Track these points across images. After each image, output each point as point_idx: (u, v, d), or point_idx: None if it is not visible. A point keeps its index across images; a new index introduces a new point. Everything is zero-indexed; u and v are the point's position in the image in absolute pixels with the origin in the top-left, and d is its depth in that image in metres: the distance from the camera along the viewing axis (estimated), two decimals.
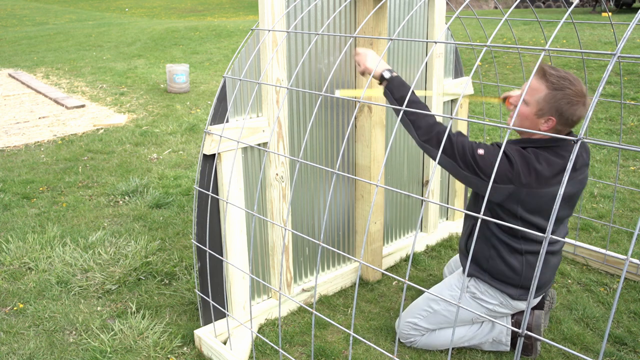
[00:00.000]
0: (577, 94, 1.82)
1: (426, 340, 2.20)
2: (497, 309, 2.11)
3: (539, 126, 1.89)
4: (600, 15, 11.48)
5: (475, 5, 17.16)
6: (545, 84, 1.84)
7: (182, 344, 2.28)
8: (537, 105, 1.86)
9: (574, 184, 1.95)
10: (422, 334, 2.20)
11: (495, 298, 2.08)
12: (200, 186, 2.10)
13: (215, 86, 7.44)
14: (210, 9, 20.45)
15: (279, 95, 2.21)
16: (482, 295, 2.10)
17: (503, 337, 2.16)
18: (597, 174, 4.06)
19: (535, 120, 1.89)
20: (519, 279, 2.02)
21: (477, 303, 2.12)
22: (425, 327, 2.19)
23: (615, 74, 6.26)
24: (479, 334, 2.17)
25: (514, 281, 2.03)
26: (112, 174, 4.30)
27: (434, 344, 2.20)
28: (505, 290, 2.05)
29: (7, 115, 6.19)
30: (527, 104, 1.89)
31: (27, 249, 3.07)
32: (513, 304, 2.09)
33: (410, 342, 2.23)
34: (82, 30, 13.31)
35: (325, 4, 2.32)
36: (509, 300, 2.08)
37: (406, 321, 2.21)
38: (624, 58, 6.10)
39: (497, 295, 2.08)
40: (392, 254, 2.94)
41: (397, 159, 2.88)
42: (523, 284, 2.03)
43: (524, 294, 2.05)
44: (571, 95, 1.82)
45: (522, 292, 2.05)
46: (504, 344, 2.17)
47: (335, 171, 1.27)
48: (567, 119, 1.85)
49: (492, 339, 2.16)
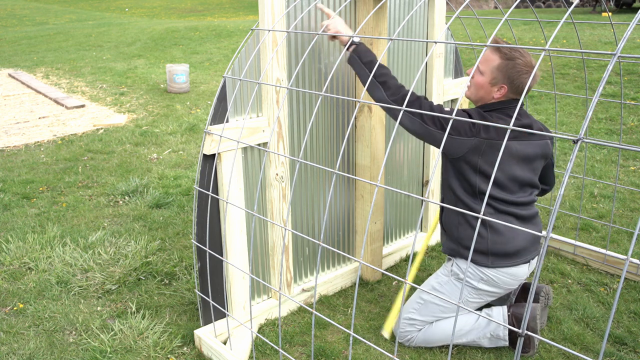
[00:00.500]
0: (526, 64, 2.03)
1: (423, 336, 2.21)
2: (481, 286, 2.13)
3: (492, 94, 2.10)
4: (600, 15, 11.48)
5: (475, 5, 17.17)
6: (499, 54, 2.04)
7: (182, 344, 2.28)
8: (491, 74, 2.06)
9: (533, 146, 2.09)
10: (418, 329, 2.21)
11: (475, 275, 2.14)
12: (200, 186, 2.10)
13: (215, 86, 7.44)
14: (210, 9, 20.45)
15: (279, 95, 2.21)
16: (464, 275, 2.14)
17: (500, 332, 2.16)
18: (597, 174, 4.07)
19: (489, 88, 2.08)
20: (485, 242, 2.08)
21: (461, 284, 2.16)
22: (420, 319, 2.21)
23: (616, 74, 6.26)
24: (476, 327, 2.18)
25: (482, 247, 2.09)
26: (112, 174, 4.30)
27: (432, 339, 2.20)
28: (475, 258, 2.11)
29: (7, 115, 6.19)
30: (482, 73, 2.09)
31: (27, 249, 3.07)
32: (493, 277, 2.11)
33: (409, 341, 2.23)
34: (82, 30, 13.31)
35: (325, 4, 2.32)
36: (486, 271, 2.11)
37: (402, 319, 2.23)
38: (624, 58, 6.10)
39: (476, 271, 2.13)
40: (392, 254, 2.94)
41: (397, 159, 2.88)
42: (491, 249, 2.08)
43: (496, 261, 2.09)
44: (521, 64, 2.02)
45: (493, 259, 2.09)
46: (502, 338, 2.17)
47: (335, 171, 1.27)
48: (517, 86, 2.05)
49: (489, 333, 2.17)
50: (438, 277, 2.25)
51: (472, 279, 2.14)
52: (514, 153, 2.05)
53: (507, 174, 2.07)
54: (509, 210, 2.09)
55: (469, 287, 2.15)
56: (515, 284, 2.17)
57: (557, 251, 2.99)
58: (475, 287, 2.14)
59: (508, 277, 2.12)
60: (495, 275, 2.11)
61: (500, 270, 2.10)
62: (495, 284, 2.13)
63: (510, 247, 2.08)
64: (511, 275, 2.12)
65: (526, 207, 2.14)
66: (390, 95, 2.08)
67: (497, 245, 2.08)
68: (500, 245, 2.07)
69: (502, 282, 2.13)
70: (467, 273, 2.12)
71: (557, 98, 5.45)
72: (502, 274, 2.11)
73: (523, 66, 2.03)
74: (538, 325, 2.15)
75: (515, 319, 2.17)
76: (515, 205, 2.11)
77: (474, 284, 2.14)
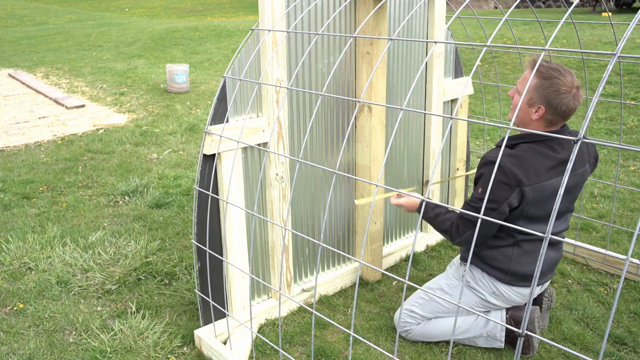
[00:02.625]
0: (565, 84, 1.89)
1: (421, 329, 2.23)
2: (490, 299, 2.13)
3: (531, 115, 1.96)
4: (600, 15, 11.48)
5: (475, 5, 17.16)
6: (536, 73, 1.92)
7: (182, 344, 2.28)
8: (528, 94, 1.93)
9: (574, 176, 2.01)
10: (417, 323, 2.23)
11: (487, 287, 2.12)
12: (200, 186, 2.10)
13: (215, 86, 7.44)
14: (210, 9, 20.45)
15: (279, 95, 2.21)
16: (476, 285, 2.15)
17: (497, 333, 2.17)
18: (597, 174, 4.06)
19: (527, 109, 1.95)
20: (509, 263, 2.06)
21: (471, 292, 2.16)
22: (421, 314, 2.23)
23: (616, 74, 6.26)
24: (474, 327, 2.19)
25: (503, 265, 2.07)
26: (112, 174, 4.30)
27: (429, 333, 2.22)
28: (494, 273, 2.10)
29: (7, 115, 6.19)
30: (519, 93, 1.99)
31: (27, 249, 3.07)
32: (505, 293, 2.11)
33: (407, 332, 2.25)
34: (82, 30, 13.31)
35: (325, 4, 2.32)
36: (500, 287, 2.10)
37: (404, 309, 2.26)
38: (624, 58, 6.10)
39: (489, 284, 2.12)
40: (392, 254, 2.94)
41: (397, 159, 2.88)
42: (512, 269, 2.07)
43: (513, 280, 2.08)
44: (559, 84, 1.89)
45: (510, 278, 2.08)
46: (498, 339, 2.18)
47: (335, 171, 1.27)
48: (555, 107, 1.91)
49: (486, 333, 2.18)
50: (448, 278, 2.24)
51: (484, 291, 2.13)
52: (555, 188, 1.96)
53: (547, 210, 2.00)
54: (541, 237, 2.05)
55: (477, 297, 2.15)
56: (523, 302, 2.17)
57: None
58: (485, 299, 2.14)
59: (519, 296, 2.13)
60: (508, 293, 2.11)
61: (515, 289, 2.10)
62: (504, 300, 2.14)
63: (531, 270, 2.07)
64: (523, 295, 2.12)
65: (558, 235, 2.12)
66: (456, 236, 2.06)
67: (519, 267, 2.06)
68: (522, 267, 2.06)
69: (511, 300, 2.14)
70: (480, 283, 2.13)
71: None
72: (514, 293, 2.11)
73: (561, 86, 1.89)
74: (537, 329, 2.15)
75: (513, 321, 2.17)
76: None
77: (484, 295, 2.14)
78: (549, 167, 1.93)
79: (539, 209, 1.97)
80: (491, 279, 2.11)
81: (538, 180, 1.92)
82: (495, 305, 2.15)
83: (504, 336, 2.18)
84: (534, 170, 1.91)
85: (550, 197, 1.95)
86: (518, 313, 2.18)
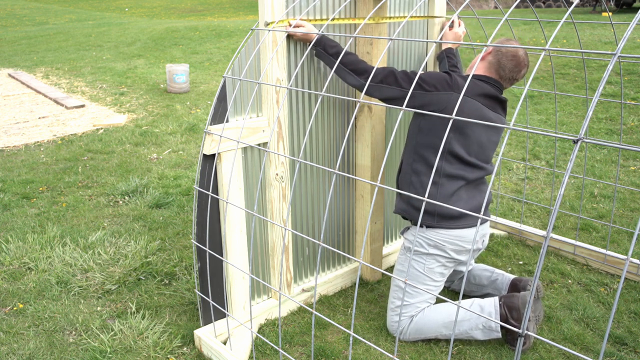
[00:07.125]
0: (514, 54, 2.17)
1: (415, 326, 2.23)
2: (433, 250, 2.20)
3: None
4: (601, 15, 11.48)
5: (475, 5, 17.17)
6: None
7: (182, 344, 2.28)
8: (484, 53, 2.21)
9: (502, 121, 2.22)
10: (409, 317, 2.25)
11: (423, 241, 2.21)
12: (200, 186, 2.10)
13: (215, 86, 7.44)
14: (210, 9, 20.45)
15: (279, 95, 2.21)
16: (416, 246, 2.24)
17: (492, 323, 2.16)
18: (597, 174, 4.06)
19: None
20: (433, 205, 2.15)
21: (417, 259, 2.24)
22: (402, 303, 2.26)
23: (616, 74, 6.26)
24: (467, 318, 2.19)
25: (429, 206, 2.17)
26: (112, 174, 4.30)
27: (423, 329, 2.23)
28: (424, 220, 2.18)
29: (7, 115, 6.19)
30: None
31: (27, 249, 3.07)
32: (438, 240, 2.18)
33: (402, 333, 2.26)
34: (82, 30, 13.31)
35: (325, 3, 2.32)
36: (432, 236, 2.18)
37: (388, 311, 2.34)
38: (624, 58, 6.10)
39: (423, 237, 2.21)
40: (392, 254, 2.94)
41: (397, 159, 2.87)
42: (437, 209, 2.16)
43: (441, 221, 2.17)
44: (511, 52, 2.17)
45: (439, 219, 2.16)
46: (495, 330, 2.18)
47: (335, 171, 1.27)
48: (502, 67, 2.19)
49: (482, 325, 2.17)
50: (398, 259, 2.36)
51: (422, 247, 2.22)
52: (487, 119, 2.12)
53: (478, 140, 2.15)
54: (460, 173, 2.17)
55: (423, 255, 2.23)
56: (464, 250, 2.22)
57: (557, 251, 2.99)
58: (427, 252, 2.22)
59: (454, 238, 2.19)
60: (441, 238, 2.19)
61: (445, 232, 2.18)
62: (442, 247, 2.20)
63: (455, 211, 2.16)
64: (457, 237, 2.18)
65: (475, 171, 2.21)
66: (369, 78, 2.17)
67: (443, 208, 2.17)
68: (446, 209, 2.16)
69: (449, 245, 2.20)
70: (415, 242, 2.22)
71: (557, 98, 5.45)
72: (447, 237, 2.18)
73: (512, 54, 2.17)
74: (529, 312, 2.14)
75: (507, 307, 2.18)
76: (471, 168, 2.19)
77: (425, 249, 2.22)
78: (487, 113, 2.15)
79: (463, 147, 2.13)
80: (422, 230, 2.20)
81: (474, 107, 2.10)
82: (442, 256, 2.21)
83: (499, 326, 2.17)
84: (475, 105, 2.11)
85: (481, 127, 2.14)
86: (511, 300, 2.18)
